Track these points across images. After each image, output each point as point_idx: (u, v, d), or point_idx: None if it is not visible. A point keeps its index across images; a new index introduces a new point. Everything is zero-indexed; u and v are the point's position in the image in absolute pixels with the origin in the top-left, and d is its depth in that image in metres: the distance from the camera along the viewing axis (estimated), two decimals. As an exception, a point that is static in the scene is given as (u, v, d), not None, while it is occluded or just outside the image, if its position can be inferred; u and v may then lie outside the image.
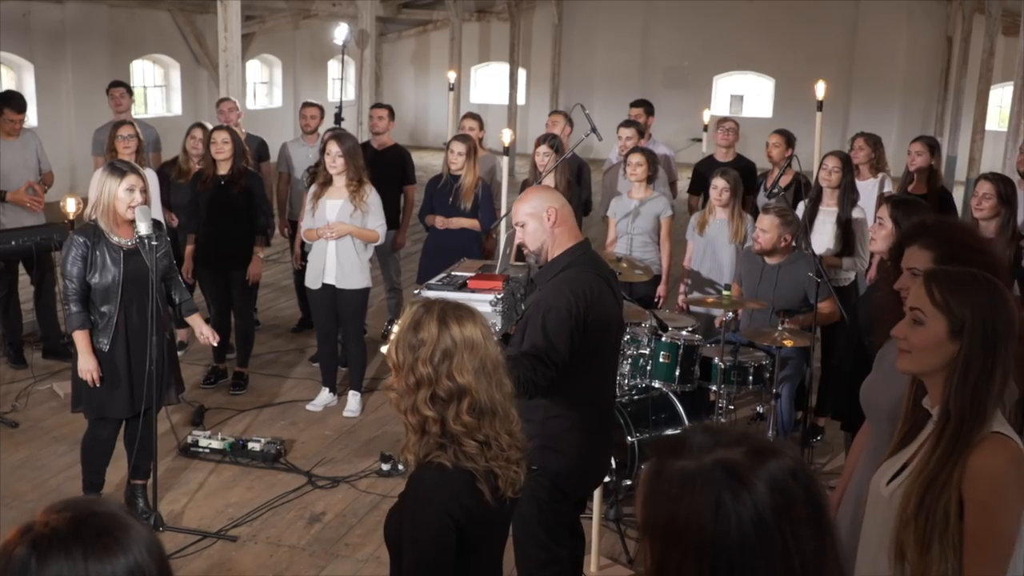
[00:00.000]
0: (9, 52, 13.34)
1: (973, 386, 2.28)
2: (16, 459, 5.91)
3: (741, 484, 1.37)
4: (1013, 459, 2.28)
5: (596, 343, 3.66)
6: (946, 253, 2.89)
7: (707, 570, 1.36)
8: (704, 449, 1.42)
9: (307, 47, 19.48)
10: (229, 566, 4.84)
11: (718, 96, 20.95)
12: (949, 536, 2.25)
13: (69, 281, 4.85)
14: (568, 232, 3.75)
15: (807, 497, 1.40)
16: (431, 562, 2.35)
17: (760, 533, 1.36)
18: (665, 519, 1.40)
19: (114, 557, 1.34)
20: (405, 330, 2.40)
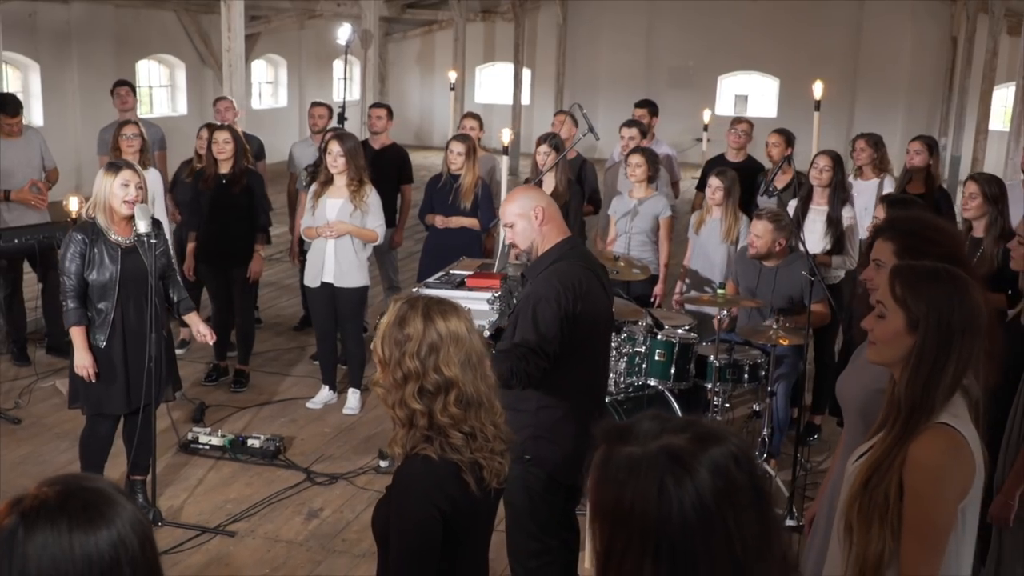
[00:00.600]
0: (15, 52, 13.41)
1: (925, 378, 2.36)
2: (18, 455, 5.97)
3: (684, 470, 1.40)
4: (951, 450, 2.35)
5: (586, 334, 3.71)
6: (906, 245, 2.98)
7: (650, 553, 1.40)
8: (650, 436, 1.45)
9: (312, 47, 19.54)
10: (227, 561, 4.89)
11: (722, 96, 20.95)
12: (888, 518, 2.34)
13: (67, 278, 4.90)
14: (556, 228, 3.82)
15: (750, 483, 1.44)
16: (417, 552, 2.39)
17: (701, 517, 1.39)
18: (612, 503, 1.44)
19: (98, 530, 1.38)
20: (390, 326, 2.44)
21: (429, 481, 2.39)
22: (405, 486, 2.42)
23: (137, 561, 1.40)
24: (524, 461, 3.63)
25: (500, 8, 20.86)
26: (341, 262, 6.59)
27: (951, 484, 2.36)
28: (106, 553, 1.38)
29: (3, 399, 6.77)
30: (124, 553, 1.39)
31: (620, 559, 1.43)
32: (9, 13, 12.26)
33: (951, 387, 2.37)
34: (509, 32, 20.60)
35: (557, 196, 7.13)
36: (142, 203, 4.87)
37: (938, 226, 3.18)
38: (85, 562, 1.36)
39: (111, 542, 1.38)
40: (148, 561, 1.43)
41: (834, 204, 6.29)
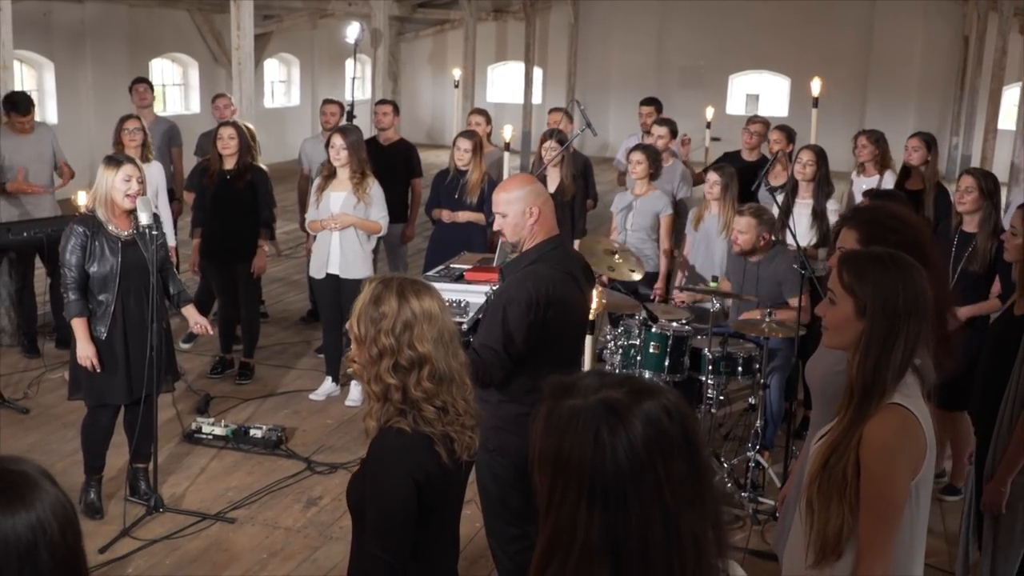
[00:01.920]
0: (30, 51, 13.57)
1: (875, 360, 2.46)
2: (25, 443, 6.09)
3: (619, 420, 1.50)
4: (903, 429, 2.45)
5: (554, 338, 3.73)
6: (868, 233, 3.09)
7: (585, 496, 1.50)
8: (591, 390, 1.56)
9: (325, 46, 19.66)
10: (225, 546, 4.99)
11: (734, 95, 20.97)
12: (847, 495, 2.44)
13: (68, 270, 4.98)
14: (545, 228, 3.82)
15: (681, 433, 1.53)
16: (393, 521, 2.48)
17: (633, 464, 1.49)
18: (553, 451, 1.53)
19: (16, 512, 1.37)
20: (366, 305, 2.54)
21: (403, 452, 2.48)
22: (380, 458, 2.51)
23: (56, 545, 1.39)
24: (489, 451, 3.71)
25: (512, 7, 20.94)
26: (346, 253, 6.69)
27: (904, 462, 2.45)
28: (23, 536, 1.36)
29: (13, 390, 6.90)
30: (42, 536, 1.38)
31: (559, 503, 1.53)
32: (24, 12, 12.41)
33: (901, 367, 2.47)
34: (521, 31, 20.70)
35: (564, 191, 7.24)
36: (144, 196, 4.96)
37: (900, 215, 3.27)
38: (2, 544, 1.35)
39: (29, 525, 1.37)
40: (68, 546, 1.41)
41: (818, 198, 6.36)
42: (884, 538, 2.43)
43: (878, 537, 2.43)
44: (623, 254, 6.38)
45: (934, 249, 3.30)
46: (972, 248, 5.30)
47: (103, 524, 5.14)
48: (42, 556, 1.37)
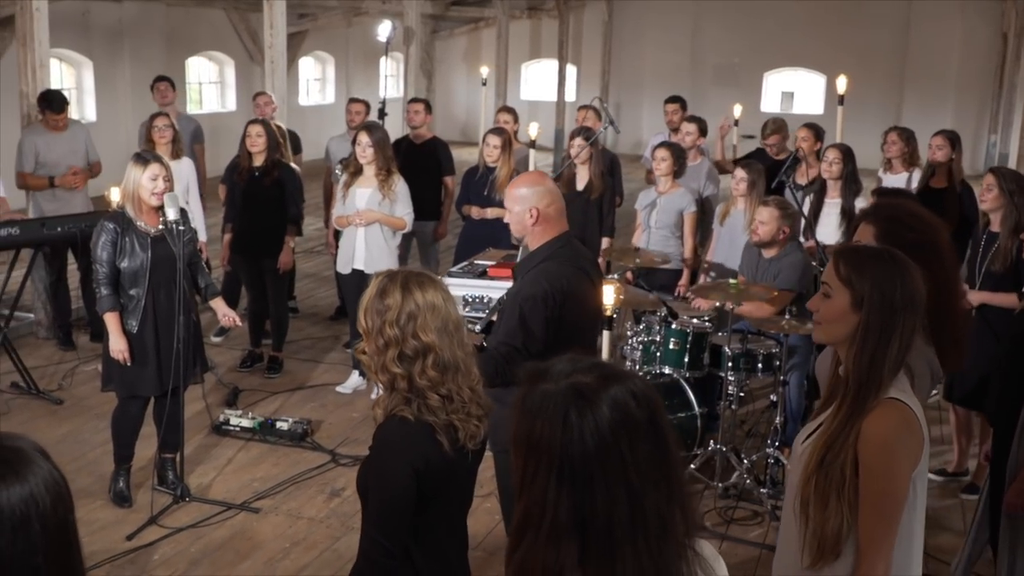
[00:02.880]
0: (69, 49, 13.81)
1: (871, 355, 2.46)
2: (59, 433, 6.24)
3: (587, 403, 1.58)
4: (902, 424, 2.45)
5: (570, 334, 3.76)
6: (886, 229, 3.09)
7: (555, 475, 1.58)
8: (562, 375, 1.64)
9: (359, 44, 19.81)
10: (249, 535, 5.09)
11: (768, 93, 20.88)
12: (845, 493, 2.44)
13: (99, 265, 5.10)
14: (551, 227, 3.85)
15: (647, 418, 1.61)
16: (393, 506, 2.57)
17: (599, 445, 1.57)
18: (526, 433, 1.62)
19: (10, 486, 1.44)
20: (372, 298, 2.63)
21: (405, 440, 2.56)
22: (383, 445, 2.60)
23: (47, 517, 1.46)
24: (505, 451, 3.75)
25: (546, 6, 20.97)
26: (371, 249, 6.78)
27: (904, 457, 2.46)
28: (16, 508, 1.43)
29: (48, 381, 7.06)
30: (35, 509, 1.44)
31: (531, 482, 1.61)
32: (63, 11, 12.64)
33: (896, 362, 2.47)
34: (555, 29, 20.73)
35: (592, 188, 7.28)
36: (172, 192, 5.07)
37: (919, 214, 3.27)
38: None
39: (22, 498, 1.44)
40: (59, 519, 1.48)
41: (847, 196, 6.36)
42: (886, 535, 2.44)
43: (880, 534, 2.43)
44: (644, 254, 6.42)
45: (951, 252, 3.29)
46: (995, 248, 5.28)
47: (131, 512, 5.26)
48: (34, 527, 1.44)
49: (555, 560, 1.57)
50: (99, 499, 5.40)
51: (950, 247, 3.26)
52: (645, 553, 1.56)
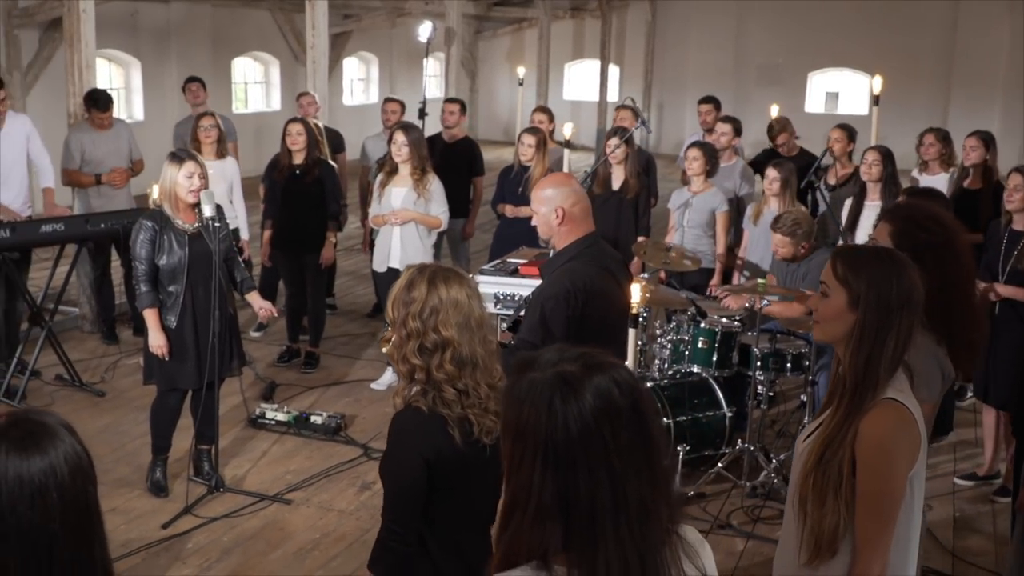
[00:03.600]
0: (118, 50, 14.08)
1: (867, 354, 2.48)
2: (100, 424, 6.40)
3: (571, 391, 1.63)
4: (900, 424, 2.46)
5: (594, 334, 3.73)
6: (902, 229, 3.11)
7: (539, 461, 1.63)
8: (549, 364, 1.69)
9: (403, 44, 19.94)
10: (281, 525, 5.20)
11: (812, 93, 20.72)
12: (842, 491, 2.46)
13: (138, 263, 5.22)
14: (576, 227, 3.87)
15: (630, 407, 1.65)
16: (404, 494, 2.67)
17: (582, 432, 1.62)
18: (514, 420, 1.67)
19: (32, 456, 1.58)
20: (400, 289, 2.73)
21: (417, 430, 2.65)
22: (395, 433, 2.70)
23: (65, 487, 1.59)
24: None
25: (589, 6, 21.00)
26: (407, 248, 6.87)
27: (901, 456, 2.47)
28: (36, 477, 1.57)
29: (91, 374, 7.23)
30: (53, 479, 1.58)
31: (518, 466, 1.67)
32: (112, 12, 12.90)
33: (893, 361, 2.49)
34: (598, 29, 20.76)
35: (627, 188, 7.32)
36: (207, 190, 5.19)
37: (935, 215, 3.28)
38: (16, 481, 1.56)
39: (42, 468, 1.58)
40: (77, 489, 1.61)
41: (886, 198, 6.32)
42: (882, 534, 2.46)
43: (876, 533, 2.46)
44: (677, 251, 6.45)
45: (967, 254, 3.30)
46: (1021, 247, 5.25)
47: (167, 502, 5.39)
48: (52, 495, 1.57)
49: (539, 541, 1.63)
50: (137, 489, 5.54)
51: (966, 249, 3.26)
52: (627, 536, 1.61)
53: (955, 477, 5.95)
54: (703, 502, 5.56)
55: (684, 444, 5.58)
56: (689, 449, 5.61)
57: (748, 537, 5.19)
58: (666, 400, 5.59)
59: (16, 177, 6.96)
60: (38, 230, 6.72)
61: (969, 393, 6.72)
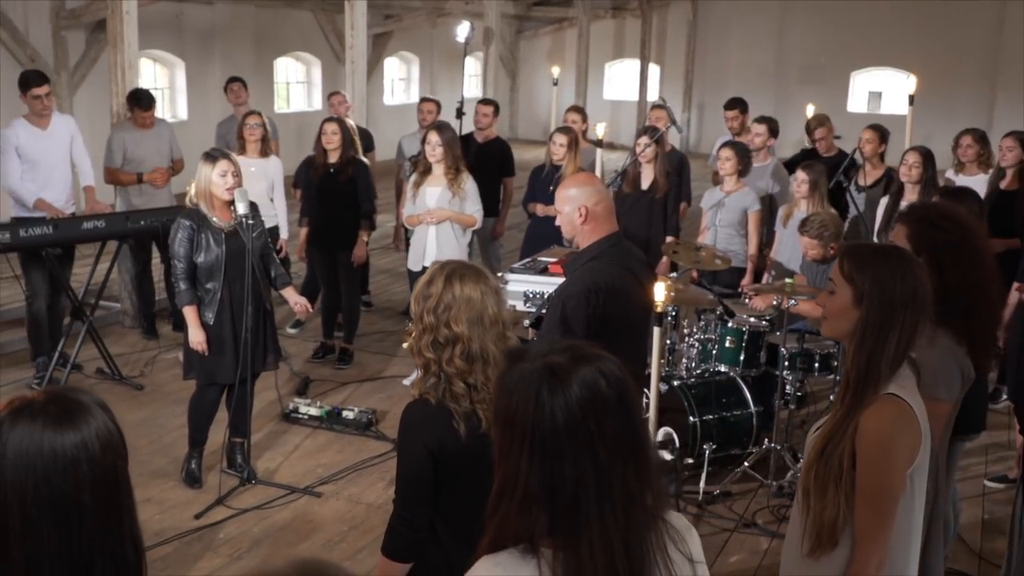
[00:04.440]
0: (163, 50, 14.31)
1: (869, 351, 2.52)
2: (138, 417, 6.55)
3: (558, 381, 1.70)
4: (899, 419, 2.50)
5: (615, 333, 3.80)
6: (917, 230, 3.13)
7: (527, 448, 1.70)
8: (539, 355, 1.76)
9: (443, 44, 20.04)
10: (310, 517, 5.30)
11: (855, 93, 20.54)
12: (842, 484, 2.51)
13: (177, 261, 5.34)
14: (600, 226, 3.90)
15: (616, 396, 1.72)
16: (410, 480, 2.78)
17: (568, 421, 1.68)
18: (504, 409, 1.75)
19: (66, 431, 1.70)
20: (422, 285, 2.84)
21: (424, 421, 2.75)
22: (403, 423, 2.81)
23: (95, 461, 1.70)
24: None
25: (629, 5, 20.98)
26: (442, 247, 6.94)
27: (900, 451, 2.51)
28: (69, 451, 1.69)
29: (131, 368, 7.40)
30: (84, 453, 1.69)
31: (507, 454, 1.74)
32: (158, 14, 13.12)
33: (895, 358, 2.53)
34: (638, 29, 20.75)
35: (657, 187, 7.34)
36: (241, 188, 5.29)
37: (952, 215, 3.29)
38: (50, 455, 1.67)
39: (75, 443, 1.69)
40: (107, 463, 1.72)
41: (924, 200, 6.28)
42: (880, 528, 2.49)
43: (874, 527, 2.49)
44: (707, 250, 6.46)
45: (985, 253, 3.31)
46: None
47: (201, 493, 5.51)
48: (83, 468, 1.69)
49: (526, 526, 1.70)
50: (172, 480, 5.67)
51: (985, 248, 3.27)
52: (612, 522, 1.67)
53: (986, 479, 5.92)
54: (729, 501, 5.58)
55: (711, 443, 5.61)
56: (716, 448, 5.64)
57: (772, 536, 5.21)
58: (692, 399, 5.63)
59: (60, 176, 7.13)
60: (80, 227, 6.88)
61: (1004, 395, 6.67)
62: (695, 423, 5.56)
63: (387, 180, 12.32)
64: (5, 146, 6.88)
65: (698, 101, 21.24)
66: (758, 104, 15.53)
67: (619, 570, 1.67)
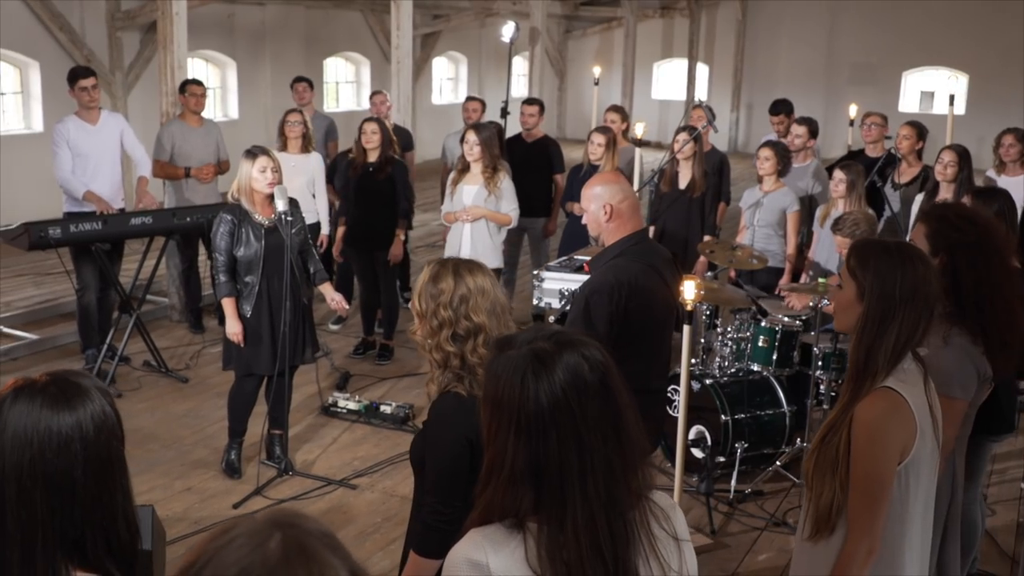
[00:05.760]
0: (215, 51, 14.56)
1: (868, 343, 2.58)
2: (182, 409, 6.71)
3: (542, 366, 1.78)
4: (890, 410, 2.55)
5: (638, 330, 3.88)
6: (935, 230, 3.16)
7: (513, 430, 1.78)
8: (526, 341, 1.83)
9: (491, 44, 20.16)
10: (345, 509, 5.41)
11: (907, 93, 20.30)
12: (838, 472, 2.58)
13: (218, 254, 5.49)
14: (625, 224, 3.95)
15: (599, 382, 1.79)
16: (449, 476, 2.79)
17: (552, 403, 1.76)
18: (492, 394, 1.82)
19: (62, 412, 1.80)
20: (425, 284, 2.87)
21: (458, 414, 2.78)
22: (439, 420, 2.83)
23: (89, 441, 1.81)
24: None
25: (678, 5, 20.94)
26: (476, 245, 7.02)
27: (890, 443, 2.56)
28: (64, 430, 1.79)
29: (177, 361, 7.57)
30: (79, 433, 1.80)
31: (495, 436, 1.82)
32: (210, 15, 13.38)
33: (894, 352, 2.57)
34: (687, 28, 20.69)
35: (694, 187, 7.36)
36: (280, 184, 5.42)
37: (969, 216, 3.31)
38: (46, 432, 1.78)
39: (71, 423, 1.80)
40: (99, 444, 1.82)
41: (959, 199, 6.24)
42: (870, 514, 2.56)
43: (864, 513, 2.56)
44: (743, 250, 6.48)
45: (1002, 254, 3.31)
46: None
47: (240, 483, 5.65)
48: (76, 447, 1.80)
49: (513, 503, 1.78)
50: (212, 470, 5.81)
51: (1002, 248, 3.27)
52: (595, 499, 1.75)
53: (1022, 483, 5.87)
54: (760, 499, 5.60)
55: (742, 441, 5.62)
56: (748, 447, 5.65)
57: (803, 535, 5.21)
58: (725, 397, 5.65)
59: (107, 170, 7.31)
60: (128, 223, 7.07)
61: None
62: (727, 422, 5.58)
63: (432, 179, 12.46)
64: (57, 140, 7.12)
65: (747, 101, 21.13)
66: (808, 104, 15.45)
67: (602, 546, 1.75)
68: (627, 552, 1.78)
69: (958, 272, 3.15)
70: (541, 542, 1.75)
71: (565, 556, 1.74)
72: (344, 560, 1.29)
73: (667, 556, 1.86)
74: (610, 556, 1.76)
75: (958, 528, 3.40)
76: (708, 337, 6.36)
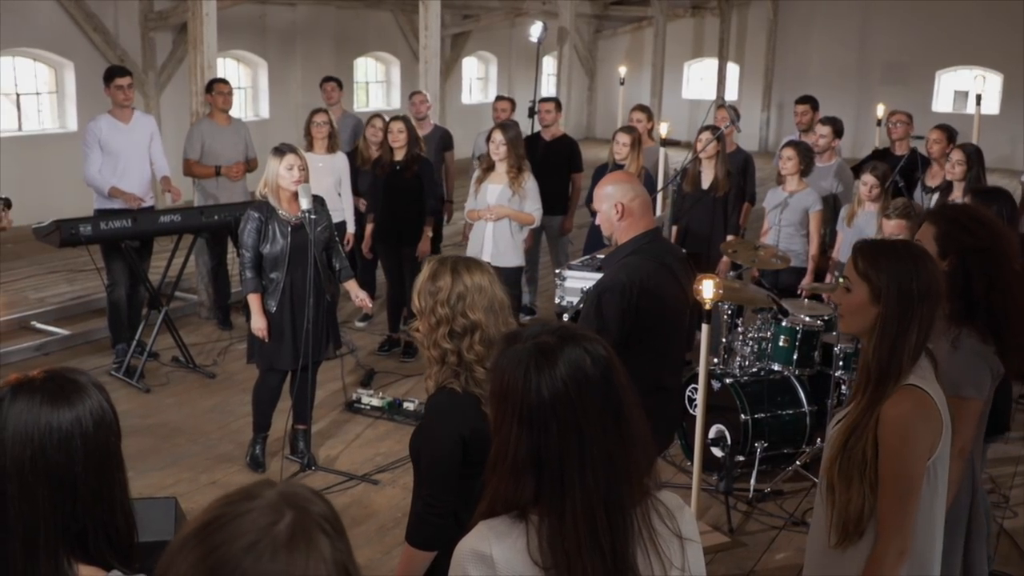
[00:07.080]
0: (246, 51, 14.71)
1: (891, 344, 2.58)
2: (209, 404, 6.81)
3: (546, 360, 1.83)
4: (918, 407, 2.55)
5: (650, 327, 3.91)
6: (945, 231, 3.15)
7: (516, 423, 1.84)
8: (531, 336, 1.89)
9: (521, 44, 20.19)
10: (366, 504, 5.48)
11: (941, 93, 20.12)
12: (867, 475, 2.58)
13: (245, 251, 5.57)
14: (636, 222, 3.98)
15: (600, 376, 1.84)
16: (439, 469, 2.87)
17: (553, 396, 1.81)
18: (497, 386, 1.88)
19: (62, 408, 1.84)
20: (424, 281, 2.93)
21: (453, 410, 2.84)
22: (433, 414, 2.90)
23: (88, 437, 1.84)
24: None
25: (709, 4, 20.89)
26: (499, 243, 7.08)
27: (920, 440, 2.57)
28: (64, 426, 1.83)
29: (204, 357, 7.67)
30: (78, 429, 1.83)
31: (500, 427, 1.88)
32: (242, 15, 13.52)
33: (915, 350, 2.59)
34: (717, 28, 20.63)
35: (717, 186, 7.37)
36: (306, 183, 5.48)
37: (980, 218, 3.30)
38: (47, 429, 1.81)
39: (70, 419, 1.83)
40: (99, 440, 1.86)
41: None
42: (902, 514, 2.55)
43: (897, 513, 2.55)
44: (766, 249, 6.48)
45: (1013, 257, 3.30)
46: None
47: (263, 477, 5.71)
48: (76, 443, 1.84)
49: (516, 493, 1.83)
50: (237, 464, 5.90)
51: (1012, 254, 3.26)
52: (594, 492, 1.79)
53: (1045, 485, 5.84)
54: (780, 499, 5.61)
55: (762, 440, 5.63)
56: (767, 446, 5.66)
57: (821, 534, 5.21)
58: (745, 396, 5.66)
59: (136, 170, 7.42)
60: (157, 220, 7.18)
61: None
62: (747, 421, 5.59)
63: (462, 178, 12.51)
64: (89, 139, 7.25)
65: (777, 101, 21.03)
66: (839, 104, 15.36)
67: (600, 537, 1.79)
68: (626, 545, 1.82)
69: (969, 276, 3.15)
70: (542, 533, 1.80)
71: (565, 547, 1.78)
72: (336, 550, 1.33)
73: (669, 553, 1.89)
74: (608, 548, 1.80)
75: (983, 528, 3.39)
76: (730, 336, 6.36)
